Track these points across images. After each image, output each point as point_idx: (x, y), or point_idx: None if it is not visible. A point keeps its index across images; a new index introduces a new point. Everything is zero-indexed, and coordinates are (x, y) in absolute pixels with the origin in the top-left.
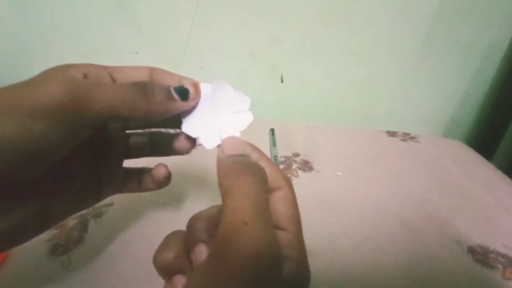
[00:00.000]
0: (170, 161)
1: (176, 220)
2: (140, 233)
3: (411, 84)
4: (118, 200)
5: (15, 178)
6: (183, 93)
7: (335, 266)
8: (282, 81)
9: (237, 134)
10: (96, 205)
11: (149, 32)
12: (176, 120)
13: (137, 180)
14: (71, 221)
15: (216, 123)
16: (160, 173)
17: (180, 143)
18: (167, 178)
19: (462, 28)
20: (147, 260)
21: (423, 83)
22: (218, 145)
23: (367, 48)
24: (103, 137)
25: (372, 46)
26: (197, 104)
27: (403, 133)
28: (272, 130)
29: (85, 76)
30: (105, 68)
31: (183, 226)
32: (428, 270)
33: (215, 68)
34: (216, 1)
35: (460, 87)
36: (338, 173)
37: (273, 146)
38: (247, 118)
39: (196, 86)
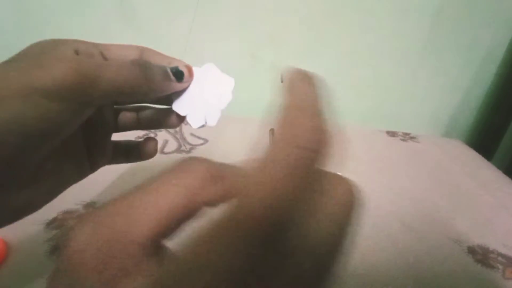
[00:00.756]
0: (169, 160)
1: None
2: None
3: (411, 84)
4: None
5: (32, 156)
6: (178, 75)
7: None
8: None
9: (218, 114)
10: (96, 205)
11: (149, 32)
12: (164, 98)
13: (124, 152)
14: (71, 221)
15: (203, 104)
16: (150, 146)
17: (170, 120)
18: (155, 150)
19: (462, 28)
20: None
21: (423, 83)
22: (203, 125)
23: (367, 48)
24: (95, 113)
25: (372, 46)
26: (188, 85)
27: (403, 133)
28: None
29: (76, 53)
30: (95, 45)
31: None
32: (428, 270)
33: None
34: (216, 1)
35: (460, 87)
36: (338, 173)
37: None
38: (227, 98)
39: (190, 69)
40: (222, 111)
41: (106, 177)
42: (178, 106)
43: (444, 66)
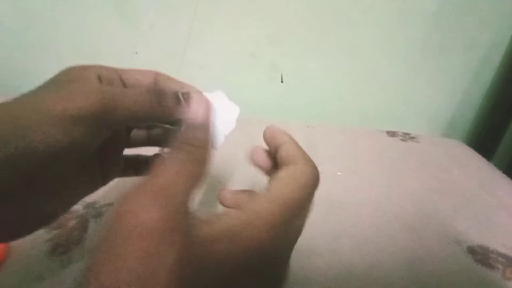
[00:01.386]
0: None
1: None
2: None
3: (411, 84)
4: None
5: (55, 173)
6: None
7: (335, 266)
8: (282, 81)
9: (222, 139)
10: (96, 205)
11: (149, 32)
12: (174, 120)
13: (134, 166)
14: (71, 221)
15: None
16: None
17: None
18: None
19: (462, 28)
20: None
21: (423, 83)
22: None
23: (367, 48)
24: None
25: (372, 46)
26: None
27: (403, 133)
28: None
29: (99, 78)
30: (115, 70)
31: None
32: (428, 270)
33: (215, 68)
34: (216, 1)
35: (460, 87)
36: (338, 173)
37: None
38: (231, 125)
39: (201, 96)
40: (225, 137)
41: None
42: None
43: (444, 66)
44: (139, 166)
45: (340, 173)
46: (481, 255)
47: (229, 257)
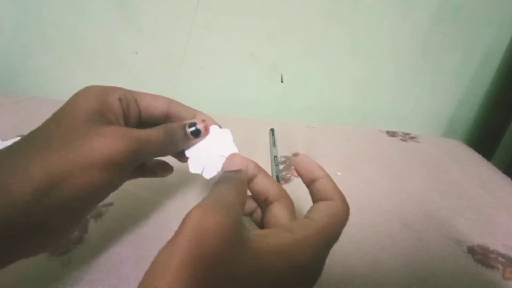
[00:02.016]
0: (171, 162)
1: (176, 220)
2: (140, 233)
3: (411, 84)
4: (118, 200)
5: (87, 211)
6: (196, 133)
7: (335, 266)
8: (282, 81)
9: (214, 172)
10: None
11: (149, 32)
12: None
13: (140, 170)
14: None
15: (206, 157)
16: (166, 169)
17: (180, 157)
18: (171, 172)
19: (462, 28)
20: (147, 260)
21: (423, 83)
22: (198, 173)
23: (367, 48)
24: None
25: (372, 46)
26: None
27: (403, 133)
28: (272, 130)
29: (120, 100)
30: (131, 92)
31: None
32: (428, 270)
33: (215, 68)
34: (216, 2)
35: (460, 87)
36: (338, 173)
37: (273, 146)
38: (221, 163)
39: (206, 127)
40: (218, 172)
41: None
42: (190, 156)
43: (444, 66)
44: (145, 170)
45: (340, 173)
46: (481, 255)
47: (276, 269)
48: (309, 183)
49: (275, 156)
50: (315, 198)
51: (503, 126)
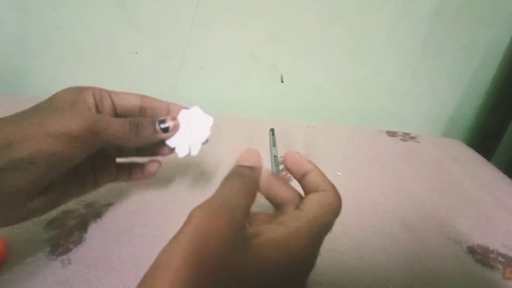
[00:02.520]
0: (171, 163)
1: (176, 220)
2: (140, 233)
3: (411, 84)
4: (118, 200)
5: (49, 177)
6: (165, 129)
7: (335, 266)
8: (282, 81)
9: (199, 146)
10: (96, 205)
11: (149, 32)
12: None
13: (128, 172)
14: (71, 221)
15: (188, 138)
16: (153, 167)
17: (163, 150)
18: (158, 170)
19: (462, 28)
20: (147, 260)
21: (423, 83)
22: (187, 155)
23: (367, 48)
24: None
25: (372, 46)
26: (173, 134)
27: (403, 133)
28: (272, 130)
29: (94, 97)
30: (107, 91)
31: None
32: (428, 270)
33: (215, 68)
34: (216, 1)
35: (460, 87)
36: (338, 173)
37: (273, 146)
38: (206, 133)
39: (175, 125)
40: (202, 144)
41: None
42: (169, 140)
43: (444, 66)
44: (132, 172)
45: (340, 173)
46: (481, 255)
47: (274, 263)
48: (300, 178)
49: (275, 156)
50: (307, 191)
51: (503, 126)
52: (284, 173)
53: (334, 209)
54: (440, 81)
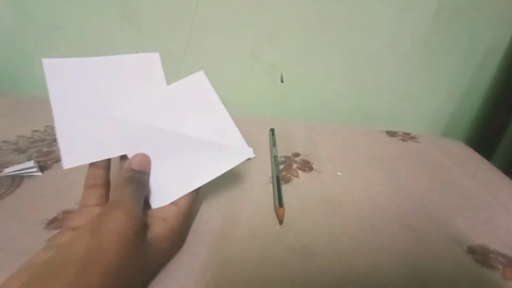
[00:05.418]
0: None
1: None
2: None
3: (411, 84)
4: None
5: None
6: None
7: (335, 266)
8: (282, 81)
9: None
10: None
11: (149, 32)
12: None
13: None
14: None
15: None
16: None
17: None
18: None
19: (462, 28)
20: None
21: (423, 83)
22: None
23: (367, 48)
24: None
25: (372, 46)
26: None
27: (403, 133)
28: (272, 130)
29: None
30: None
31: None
32: (428, 270)
33: (215, 68)
34: (216, 1)
35: (460, 87)
36: (338, 173)
37: (273, 146)
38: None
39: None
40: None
41: None
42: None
43: (444, 66)
44: None
45: (340, 173)
46: (481, 255)
47: (164, 250)
48: None
49: (275, 156)
50: None
51: (503, 126)
52: (284, 173)
53: (193, 200)
54: (440, 81)
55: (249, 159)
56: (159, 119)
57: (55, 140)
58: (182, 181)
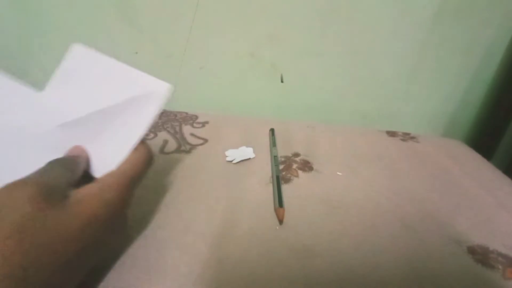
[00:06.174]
0: (170, 164)
1: (175, 220)
2: (139, 233)
3: (411, 84)
4: None
5: None
6: None
7: (335, 266)
8: (282, 81)
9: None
10: None
11: (149, 32)
12: None
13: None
14: None
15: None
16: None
17: None
18: None
19: (462, 28)
20: (146, 260)
21: (423, 83)
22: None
23: (367, 48)
24: None
25: (372, 46)
26: None
27: (403, 133)
28: (272, 130)
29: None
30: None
31: (183, 226)
32: (428, 270)
33: (215, 68)
34: (216, 1)
35: (460, 87)
36: (338, 173)
37: (273, 146)
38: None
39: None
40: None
41: None
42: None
43: (444, 66)
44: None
45: (340, 173)
46: (481, 255)
47: (91, 210)
48: None
49: (275, 156)
50: None
51: (503, 126)
52: (284, 173)
53: (145, 161)
54: (440, 81)
55: (249, 159)
56: (64, 112)
57: None
58: (116, 149)
